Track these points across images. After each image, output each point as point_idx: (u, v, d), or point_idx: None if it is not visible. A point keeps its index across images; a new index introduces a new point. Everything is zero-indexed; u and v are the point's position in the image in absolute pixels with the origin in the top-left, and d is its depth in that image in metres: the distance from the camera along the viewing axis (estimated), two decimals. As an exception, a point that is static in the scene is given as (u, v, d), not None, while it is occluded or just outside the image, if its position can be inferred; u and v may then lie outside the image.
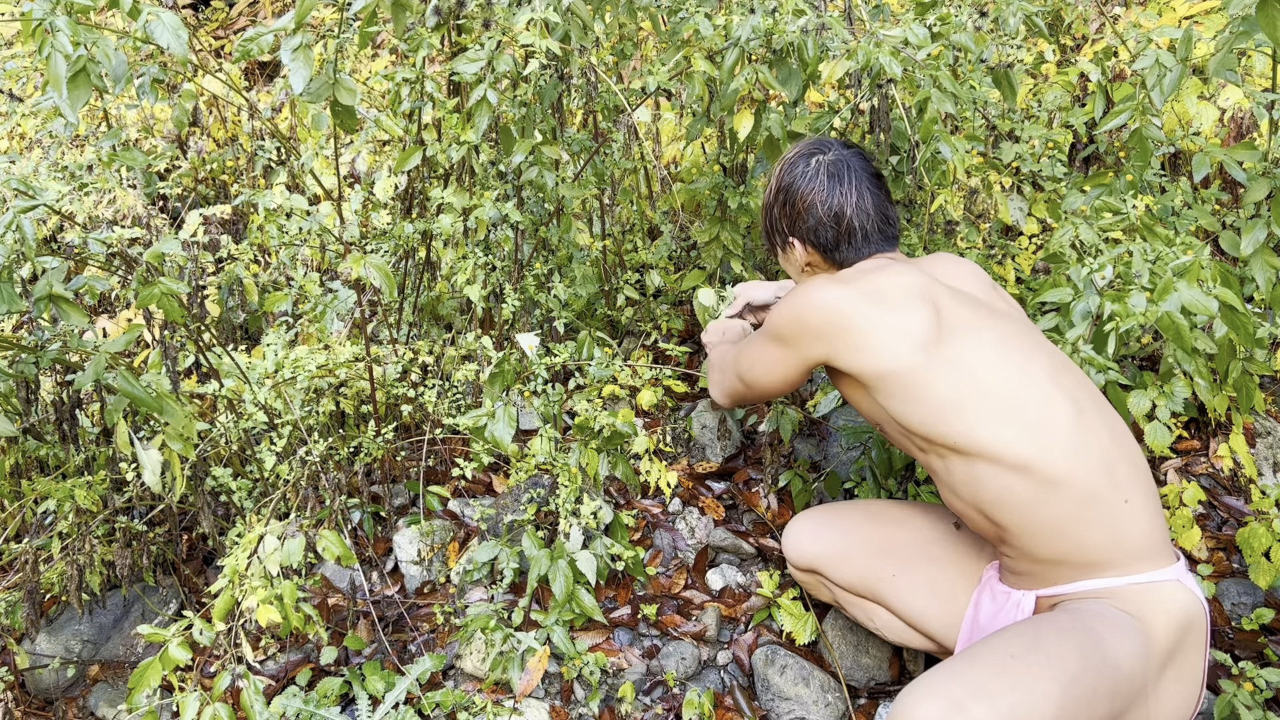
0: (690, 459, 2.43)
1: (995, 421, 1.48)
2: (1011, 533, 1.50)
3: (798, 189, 1.69)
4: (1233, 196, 2.71)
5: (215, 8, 5.10)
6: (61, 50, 1.51)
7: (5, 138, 3.21)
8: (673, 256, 2.81)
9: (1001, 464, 1.47)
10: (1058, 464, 1.45)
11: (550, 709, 1.88)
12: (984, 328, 1.56)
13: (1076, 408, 1.49)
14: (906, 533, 1.75)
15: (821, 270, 1.73)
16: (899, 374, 1.53)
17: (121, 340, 1.67)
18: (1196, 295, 1.78)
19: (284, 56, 1.70)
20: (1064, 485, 1.45)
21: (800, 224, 1.70)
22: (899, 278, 1.59)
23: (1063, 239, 2.08)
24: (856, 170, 1.67)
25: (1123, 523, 1.45)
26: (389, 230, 2.33)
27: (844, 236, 1.67)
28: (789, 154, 1.75)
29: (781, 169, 1.74)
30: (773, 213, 1.75)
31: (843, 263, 1.69)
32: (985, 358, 1.53)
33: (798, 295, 1.62)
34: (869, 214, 1.66)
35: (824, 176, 1.67)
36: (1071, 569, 1.48)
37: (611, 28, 2.49)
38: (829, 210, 1.66)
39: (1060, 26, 3.14)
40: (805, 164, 1.70)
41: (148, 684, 1.51)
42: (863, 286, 1.59)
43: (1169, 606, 1.43)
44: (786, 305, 1.64)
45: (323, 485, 2.05)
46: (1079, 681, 1.31)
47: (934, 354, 1.52)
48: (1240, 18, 1.73)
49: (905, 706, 1.30)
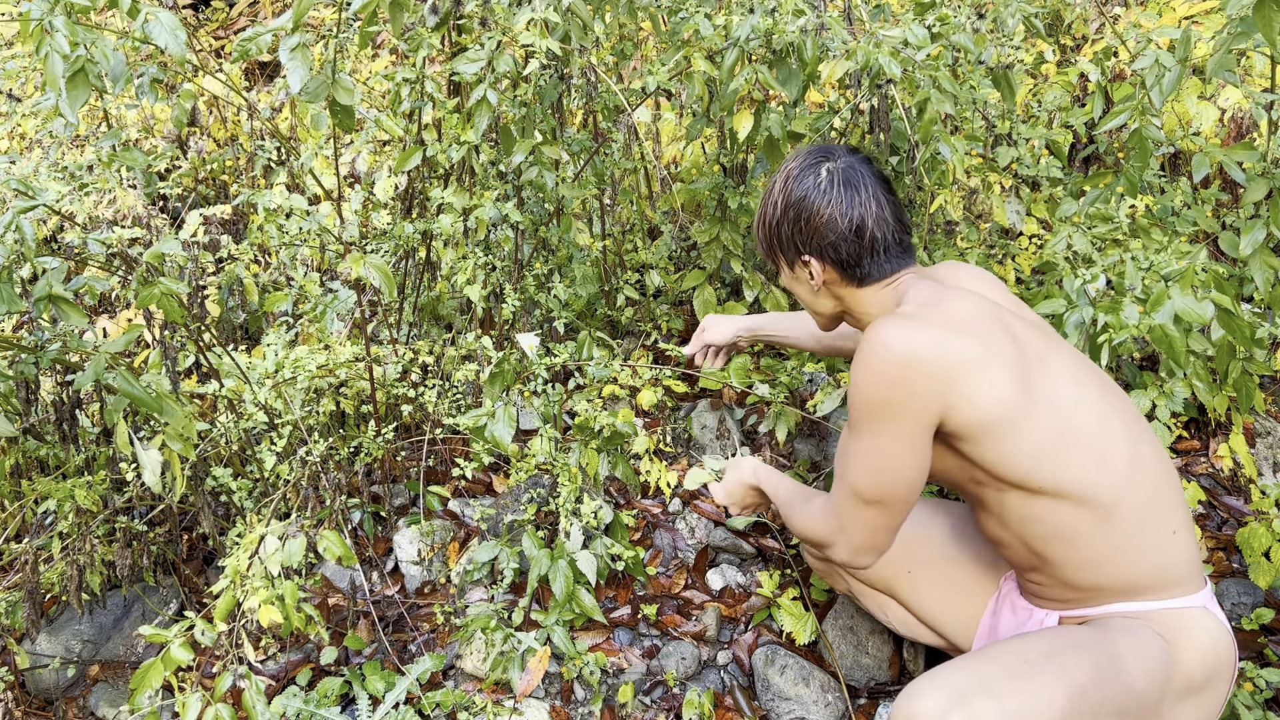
0: (690, 459, 2.43)
1: (1081, 462, 1.38)
2: (1054, 565, 1.44)
3: (812, 202, 1.52)
4: (1232, 196, 2.71)
5: (215, 8, 5.10)
6: (59, 50, 1.51)
7: (5, 138, 3.21)
8: (673, 256, 2.82)
9: (1068, 500, 1.39)
10: (1115, 496, 1.39)
11: (550, 709, 1.88)
12: (1051, 352, 1.46)
13: (1130, 435, 1.43)
14: (926, 529, 1.71)
15: (839, 289, 1.56)
16: (1006, 420, 1.37)
17: (121, 340, 1.67)
18: (1190, 303, 1.78)
19: (282, 56, 1.70)
20: (1119, 518, 1.39)
21: (817, 240, 1.52)
22: (965, 304, 1.43)
23: (1056, 247, 2.08)
24: (869, 178, 1.53)
25: (1168, 552, 1.41)
26: (389, 230, 2.33)
27: (866, 251, 1.51)
28: (791, 165, 1.58)
29: (786, 182, 1.56)
30: (781, 230, 1.56)
31: (864, 279, 1.53)
32: (1067, 389, 1.42)
33: (877, 354, 1.38)
34: (889, 224, 1.51)
35: (840, 187, 1.51)
36: (1106, 595, 1.43)
37: (611, 28, 2.49)
38: (850, 224, 1.50)
39: (1060, 26, 3.14)
40: (815, 174, 1.53)
41: (150, 684, 1.51)
42: (943, 320, 1.40)
43: (1199, 636, 1.39)
44: (869, 372, 1.39)
45: (323, 485, 2.05)
46: (1087, 694, 1.29)
47: (1030, 391, 1.39)
48: (1238, 18, 1.73)
49: (910, 696, 1.30)
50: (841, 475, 1.47)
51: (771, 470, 1.78)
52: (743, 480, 1.82)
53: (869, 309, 1.55)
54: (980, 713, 1.25)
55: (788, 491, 1.70)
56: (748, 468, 1.82)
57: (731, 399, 2.53)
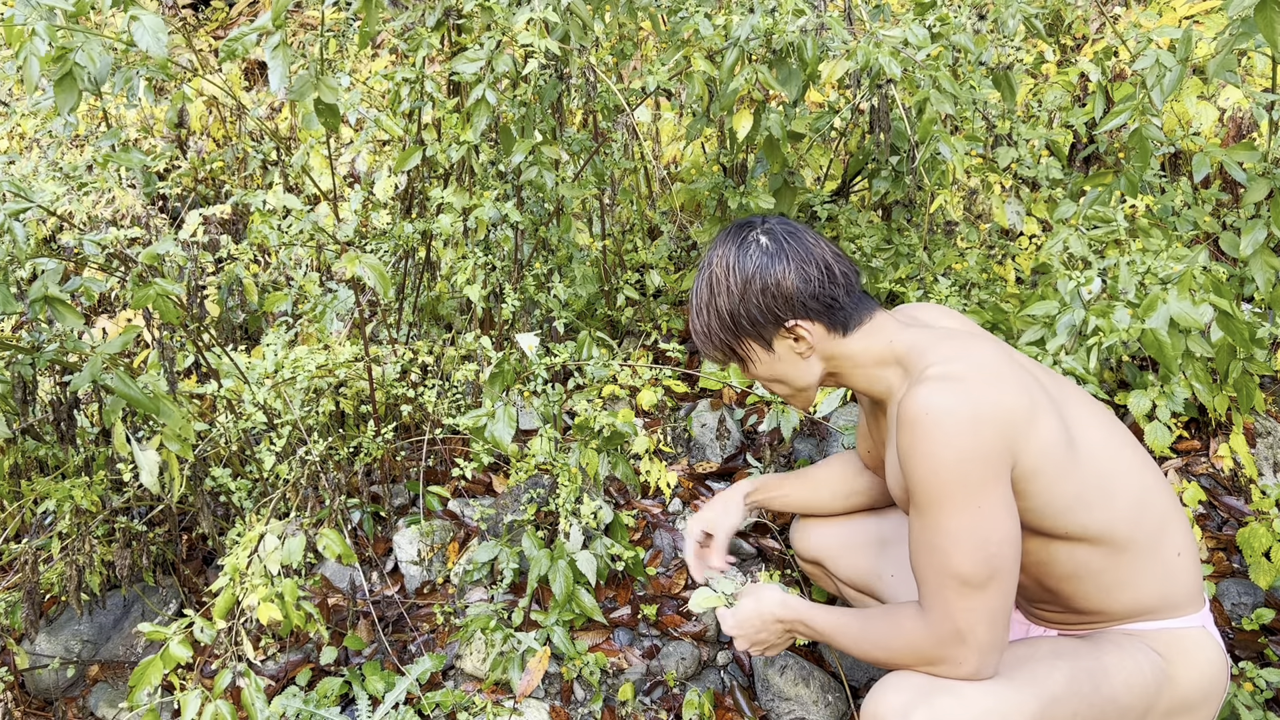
0: (690, 459, 2.43)
1: (1103, 503, 1.34)
2: (1064, 597, 1.42)
3: (770, 269, 1.41)
4: (1233, 196, 2.71)
5: (215, 8, 5.10)
6: (35, 54, 1.51)
7: (5, 138, 3.21)
8: (673, 256, 2.81)
9: (1087, 542, 1.35)
10: (1130, 532, 1.36)
11: (550, 709, 1.88)
12: (1065, 390, 1.41)
13: (1140, 465, 1.40)
14: (907, 532, 1.72)
15: (826, 345, 1.45)
16: (1055, 468, 1.31)
17: (118, 341, 1.67)
18: (1185, 307, 1.78)
19: (265, 54, 1.71)
20: (1131, 551, 1.36)
21: (795, 299, 1.41)
22: (985, 349, 1.36)
23: (1052, 249, 2.08)
24: (798, 228, 1.45)
25: (1173, 576, 1.39)
26: (389, 230, 2.33)
27: (840, 290, 1.42)
28: (717, 253, 1.46)
29: (728, 268, 1.43)
30: (748, 312, 1.43)
31: (847, 325, 1.43)
32: (1093, 430, 1.37)
33: (943, 426, 1.25)
34: (845, 260, 1.45)
35: (784, 243, 1.42)
36: (1111, 619, 1.42)
37: (611, 27, 2.49)
38: (818, 268, 1.41)
39: (1060, 26, 3.14)
40: (750, 247, 1.43)
41: (149, 682, 1.51)
42: (983, 372, 1.31)
43: (1196, 656, 1.38)
44: (940, 446, 1.25)
45: (322, 485, 2.05)
46: (1060, 704, 1.29)
47: (1065, 435, 1.33)
48: (1240, 19, 1.73)
49: (877, 693, 1.30)
50: (939, 571, 1.28)
51: (803, 600, 1.50)
52: (764, 613, 1.52)
53: (861, 361, 1.45)
54: (943, 710, 1.24)
55: (838, 619, 1.44)
56: (774, 599, 1.52)
57: (731, 399, 2.52)
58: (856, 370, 1.46)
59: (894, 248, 2.42)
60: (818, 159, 2.80)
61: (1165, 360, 1.79)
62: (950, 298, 2.21)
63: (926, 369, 1.33)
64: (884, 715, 1.28)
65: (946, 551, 1.27)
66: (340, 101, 1.81)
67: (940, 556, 1.27)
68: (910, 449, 1.28)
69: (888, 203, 2.57)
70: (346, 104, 1.94)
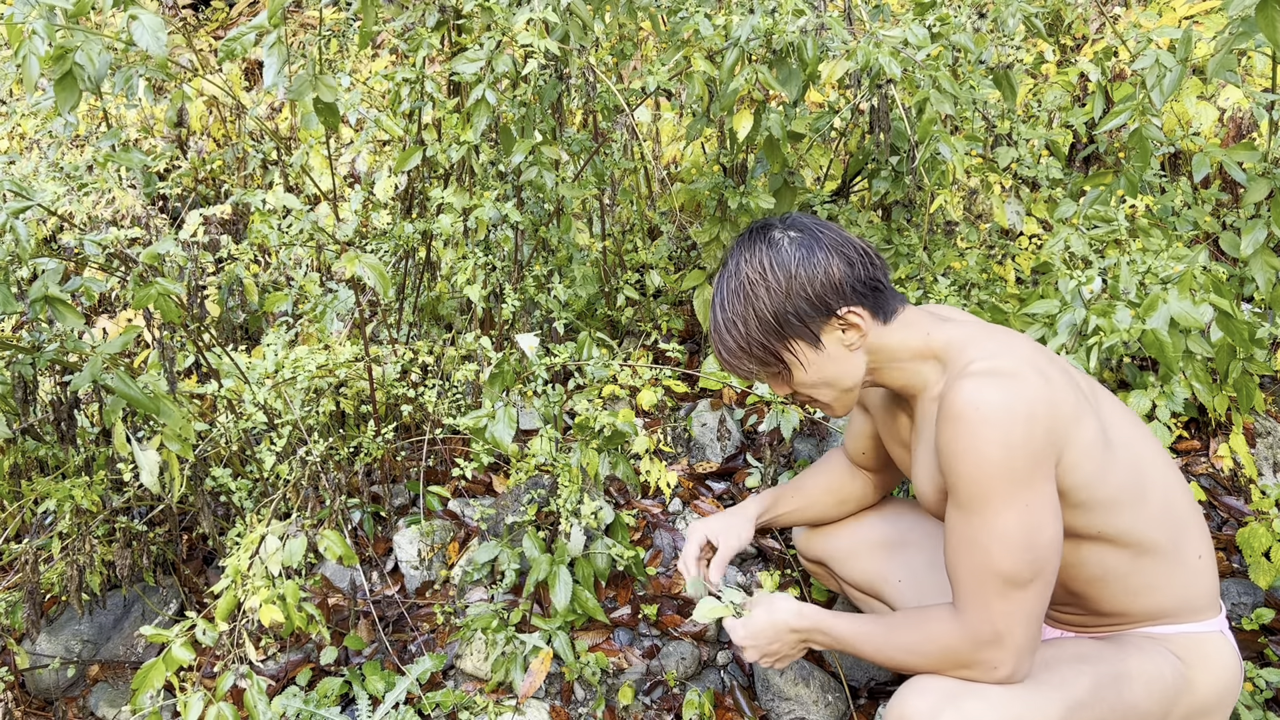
0: (690, 459, 2.43)
1: (1132, 504, 1.33)
2: (1086, 599, 1.41)
3: (810, 257, 1.36)
4: (1233, 196, 2.71)
5: (215, 8, 5.10)
6: (35, 53, 1.51)
7: (5, 138, 3.21)
8: (673, 256, 2.82)
9: (1114, 544, 1.34)
10: (1155, 534, 1.35)
11: (550, 709, 1.88)
12: (1097, 391, 1.39)
13: (1163, 465, 1.39)
14: (917, 536, 1.70)
15: (872, 337, 1.39)
16: (1092, 466, 1.29)
17: (118, 341, 1.67)
18: (1186, 307, 1.78)
19: (263, 52, 1.71)
20: (1156, 553, 1.35)
21: (844, 285, 1.36)
22: (1024, 344, 1.33)
23: (1053, 248, 2.08)
24: (815, 219, 1.43)
25: (1194, 580, 1.39)
26: (389, 230, 2.33)
27: (881, 272, 1.39)
28: (743, 257, 1.39)
29: (763, 270, 1.37)
30: (796, 309, 1.36)
31: (889, 311, 1.39)
32: (1123, 428, 1.36)
33: (993, 420, 1.22)
34: (871, 245, 1.42)
35: (812, 232, 1.39)
36: (1132, 622, 1.42)
37: (611, 28, 2.49)
38: (855, 249, 1.38)
39: (1060, 26, 3.15)
40: (781, 246, 1.38)
41: (151, 684, 1.51)
42: (1031, 366, 1.27)
43: (1215, 661, 1.38)
44: (989, 441, 1.22)
45: (323, 485, 2.05)
46: (1084, 709, 1.29)
47: (1103, 435, 1.31)
48: (1240, 18, 1.73)
49: (904, 695, 1.29)
50: (981, 570, 1.24)
51: (818, 608, 1.45)
52: (778, 623, 1.45)
53: (899, 355, 1.40)
54: (971, 714, 1.24)
55: (860, 626, 1.40)
56: (788, 609, 1.45)
57: (732, 399, 2.53)
58: (893, 365, 1.41)
59: (894, 248, 2.42)
60: (818, 159, 2.80)
61: (1165, 360, 1.79)
62: (950, 298, 2.21)
63: (970, 364, 1.29)
64: (912, 717, 1.26)
65: (990, 550, 1.23)
66: (339, 100, 1.81)
67: (983, 555, 1.24)
68: (954, 444, 1.25)
69: (888, 203, 2.57)
70: (346, 104, 1.94)
